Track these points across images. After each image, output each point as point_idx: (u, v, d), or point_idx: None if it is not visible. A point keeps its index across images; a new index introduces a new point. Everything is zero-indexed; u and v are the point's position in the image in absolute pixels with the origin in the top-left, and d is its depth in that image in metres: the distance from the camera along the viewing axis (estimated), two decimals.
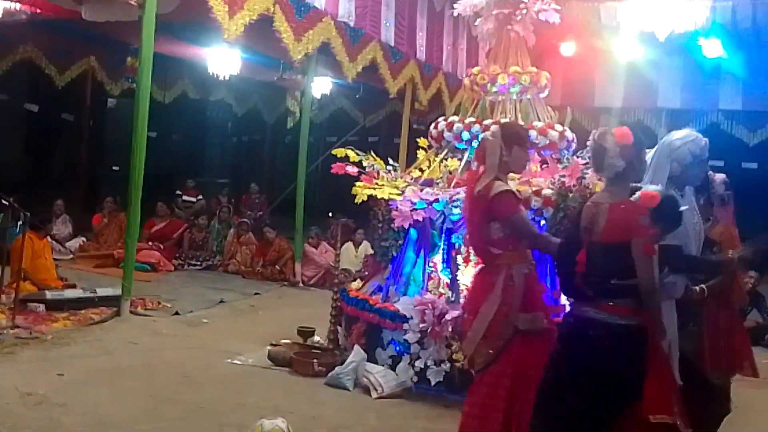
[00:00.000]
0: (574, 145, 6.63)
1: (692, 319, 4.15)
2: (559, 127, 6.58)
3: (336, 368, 6.05)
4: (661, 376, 3.42)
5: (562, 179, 5.94)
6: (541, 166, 6.48)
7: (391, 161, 6.93)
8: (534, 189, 5.95)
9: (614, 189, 3.60)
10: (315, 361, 6.26)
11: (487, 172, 4.36)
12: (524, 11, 6.70)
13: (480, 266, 4.57)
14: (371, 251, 8.30)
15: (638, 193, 3.49)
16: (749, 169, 14.33)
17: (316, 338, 7.07)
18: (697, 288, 4.17)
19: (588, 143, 3.81)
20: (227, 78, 12.21)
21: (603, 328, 3.47)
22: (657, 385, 3.39)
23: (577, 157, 6.24)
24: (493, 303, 4.21)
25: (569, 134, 6.61)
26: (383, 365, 6.04)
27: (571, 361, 3.57)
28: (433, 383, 5.84)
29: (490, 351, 4.22)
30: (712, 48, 12.29)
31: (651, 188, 3.56)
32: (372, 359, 6.11)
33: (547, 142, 6.47)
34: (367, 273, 7.60)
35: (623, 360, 3.43)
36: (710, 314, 4.34)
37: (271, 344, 6.72)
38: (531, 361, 4.10)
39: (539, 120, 6.69)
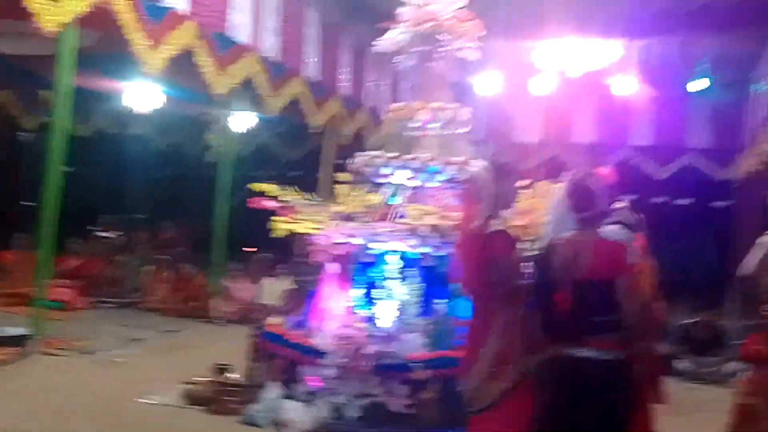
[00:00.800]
0: None
1: None
2: (479, 163, 6.66)
3: (253, 405, 5.93)
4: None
5: None
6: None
7: (310, 195, 6.90)
8: (453, 224, 6.00)
9: (589, 228, 3.69)
10: (231, 398, 6.12)
11: (482, 209, 4.13)
12: (445, 48, 6.82)
13: (476, 307, 4.21)
14: (293, 286, 8.22)
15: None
16: (660, 203, 14.83)
17: (234, 375, 6.91)
18: None
19: (567, 182, 3.85)
20: (149, 112, 12.03)
21: (595, 365, 3.55)
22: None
23: None
24: (494, 344, 3.99)
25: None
26: (301, 401, 5.94)
27: (568, 402, 3.60)
28: (351, 419, 5.77)
29: (495, 391, 3.97)
30: (625, 85, 12.78)
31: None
32: (290, 395, 6.01)
33: (467, 177, 6.53)
34: (286, 308, 7.52)
35: (617, 393, 3.55)
36: None
37: (186, 382, 6.55)
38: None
39: (458, 156, 6.77)
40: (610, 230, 3.73)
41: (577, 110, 13.93)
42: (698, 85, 12.90)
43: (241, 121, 12.74)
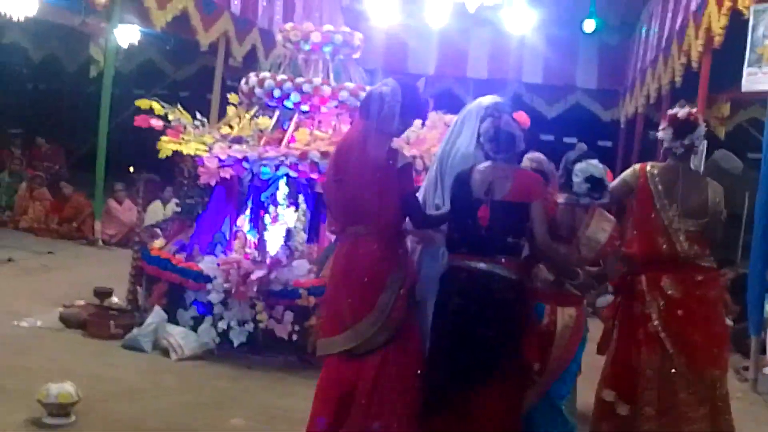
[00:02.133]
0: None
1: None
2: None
3: (134, 330, 5.80)
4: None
5: None
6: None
7: (199, 116, 6.68)
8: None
9: (508, 160, 3.86)
10: (111, 322, 5.96)
11: (380, 132, 3.89)
12: None
13: (360, 237, 3.91)
14: (178, 209, 7.99)
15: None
16: (547, 141, 15.21)
17: (114, 299, 6.73)
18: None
19: (488, 125, 3.87)
20: (22, 20, 11.24)
21: (497, 279, 3.72)
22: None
23: None
24: (398, 280, 3.87)
25: None
26: (185, 327, 5.86)
27: (463, 313, 3.73)
28: (236, 344, 5.74)
29: (388, 332, 3.84)
30: (518, 22, 12.90)
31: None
32: (173, 321, 5.91)
33: (358, 103, 6.46)
34: (171, 231, 7.32)
35: (514, 310, 3.74)
36: None
37: (64, 306, 6.34)
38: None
39: (351, 81, 6.68)
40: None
41: (470, 45, 14.03)
42: (588, 25, 13.19)
43: (126, 34, 12.09)
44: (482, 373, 3.71)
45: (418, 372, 3.88)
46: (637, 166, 4.41)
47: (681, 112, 4.28)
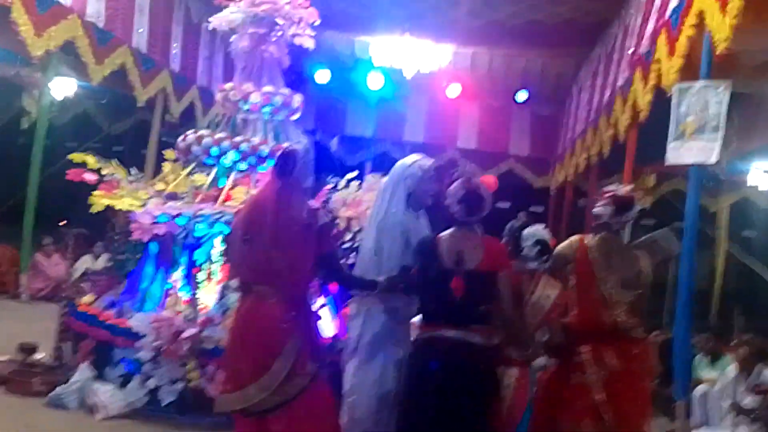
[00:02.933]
0: None
1: None
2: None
3: (59, 387, 5.63)
4: None
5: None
6: None
7: (134, 171, 6.64)
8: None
9: (470, 227, 3.95)
10: (35, 379, 5.77)
11: (297, 191, 3.91)
12: (279, 33, 6.76)
13: (264, 297, 3.87)
14: (109, 264, 7.87)
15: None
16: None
17: (39, 355, 6.52)
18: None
19: (457, 187, 3.98)
20: None
21: (477, 349, 3.79)
22: None
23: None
24: (297, 345, 3.82)
25: None
26: (112, 385, 5.71)
27: (446, 381, 3.77)
28: (165, 403, 5.59)
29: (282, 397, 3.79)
30: (453, 89, 13.28)
31: None
32: (101, 378, 5.76)
33: None
34: (101, 287, 7.18)
35: (492, 377, 3.85)
36: None
37: None
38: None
39: (289, 141, 6.73)
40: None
41: (408, 110, 14.34)
42: (521, 96, 13.66)
43: (62, 87, 12.00)
44: None
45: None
46: (574, 238, 4.51)
47: (621, 190, 4.45)
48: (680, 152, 6.47)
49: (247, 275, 3.97)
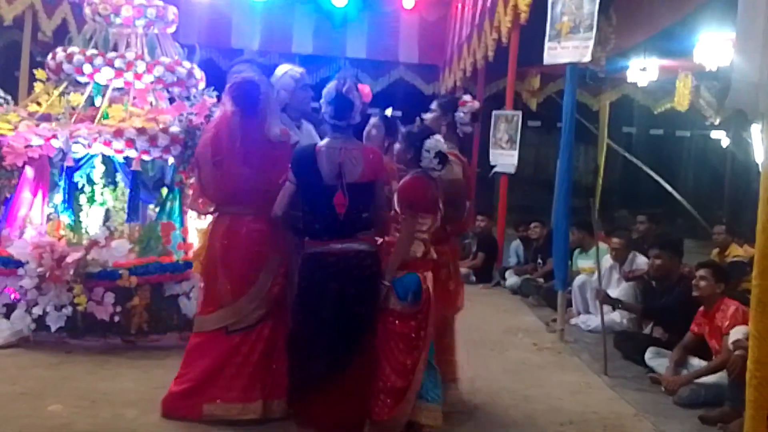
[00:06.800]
0: (203, 84, 6.59)
1: None
2: (187, 65, 6.49)
3: None
4: None
5: (190, 117, 5.89)
6: (170, 103, 6.39)
7: (2, 93, 6.32)
8: (161, 126, 5.84)
9: (346, 136, 3.93)
10: None
11: (270, 115, 4.20)
12: None
13: (242, 216, 4.18)
14: None
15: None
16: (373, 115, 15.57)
17: None
18: None
19: (329, 89, 3.94)
20: None
21: (362, 255, 3.85)
22: None
23: (206, 95, 6.27)
24: (277, 258, 4.16)
25: (198, 72, 6.55)
26: None
27: (333, 290, 3.82)
28: (53, 329, 5.51)
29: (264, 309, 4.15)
30: None
31: None
32: None
33: (175, 79, 6.35)
34: None
35: (377, 281, 3.87)
36: None
37: None
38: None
39: (166, 56, 6.53)
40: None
41: (295, 21, 14.03)
42: (408, 2, 13.59)
43: None
44: (349, 347, 3.85)
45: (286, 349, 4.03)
46: None
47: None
48: (556, 52, 6.64)
49: (219, 197, 4.21)
